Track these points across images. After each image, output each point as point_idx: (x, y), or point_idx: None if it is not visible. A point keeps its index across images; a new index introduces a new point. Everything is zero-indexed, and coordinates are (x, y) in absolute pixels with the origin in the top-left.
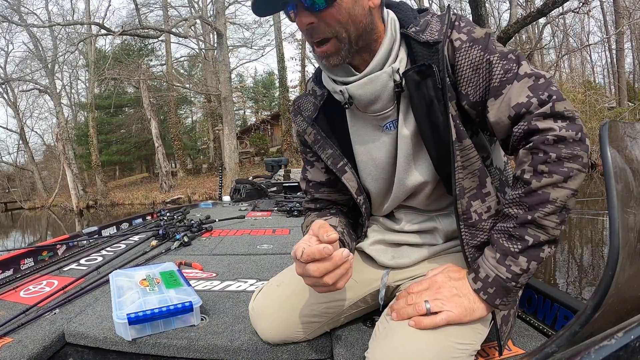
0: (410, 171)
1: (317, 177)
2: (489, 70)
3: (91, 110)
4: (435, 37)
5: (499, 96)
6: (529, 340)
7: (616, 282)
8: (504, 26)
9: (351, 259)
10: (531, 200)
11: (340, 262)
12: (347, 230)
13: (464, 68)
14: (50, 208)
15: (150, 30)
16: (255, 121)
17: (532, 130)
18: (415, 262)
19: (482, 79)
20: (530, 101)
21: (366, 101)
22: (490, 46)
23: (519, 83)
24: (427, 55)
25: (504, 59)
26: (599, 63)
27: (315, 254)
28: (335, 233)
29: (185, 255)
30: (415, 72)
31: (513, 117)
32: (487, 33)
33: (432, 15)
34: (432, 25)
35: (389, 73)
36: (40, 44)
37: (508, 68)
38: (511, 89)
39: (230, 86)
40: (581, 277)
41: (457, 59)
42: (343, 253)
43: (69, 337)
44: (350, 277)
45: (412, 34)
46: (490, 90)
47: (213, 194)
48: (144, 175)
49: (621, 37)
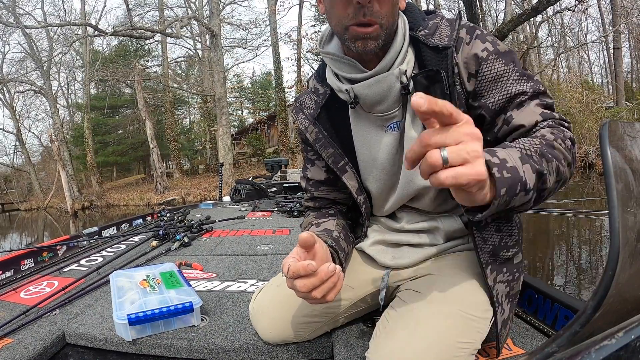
0: (416, 173)
1: (317, 176)
2: (516, 90)
3: (87, 111)
4: (445, 42)
5: (522, 107)
6: (529, 340)
7: (616, 282)
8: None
9: (339, 271)
10: (549, 151)
11: (326, 277)
12: (343, 234)
13: (488, 78)
14: (46, 209)
15: (143, 31)
16: (253, 122)
17: (557, 126)
18: (416, 262)
19: (508, 93)
20: (554, 114)
21: (372, 101)
22: (518, 65)
23: (539, 101)
24: (436, 60)
25: (531, 80)
26: (597, 63)
27: (299, 270)
28: (312, 263)
29: (185, 256)
30: (424, 77)
31: (540, 121)
32: (510, 49)
33: (441, 19)
34: (442, 29)
35: (396, 75)
36: (35, 45)
37: (536, 88)
38: (533, 104)
39: (224, 86)
40: (581, 277)
41: (481, 68)
42: (329, 268)
43: (69, 338)
44: (339, 289)
45: (422, 37)
46: (514, 103)
47: (208, 195)
48: (141, 177)
49: (619, 36)
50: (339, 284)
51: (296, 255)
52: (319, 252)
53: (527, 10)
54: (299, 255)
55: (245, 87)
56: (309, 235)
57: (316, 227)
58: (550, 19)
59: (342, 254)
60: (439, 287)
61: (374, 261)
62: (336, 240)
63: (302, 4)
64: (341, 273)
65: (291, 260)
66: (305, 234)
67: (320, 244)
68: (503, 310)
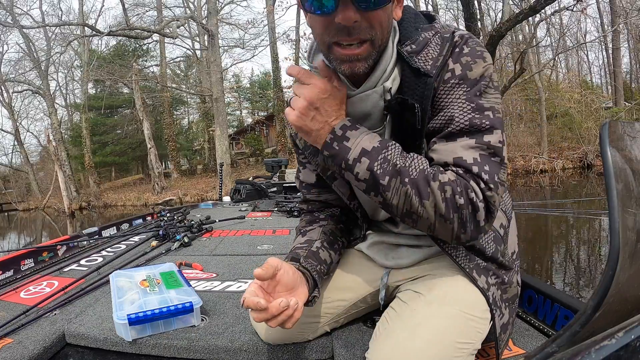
0: None
1: (308, 179)
2: (454, 115)
3: (84, 111)
4: (428, 66)
5: (450, 141)
6: (529, 340)
7: (616, 282)
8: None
9: (293, 304)
10: (419, 183)
11: (277, 312)
12: (327, 242)
13: (440, 102)
14: (44, 210)
15: (139, 31)
16: (252, 122)
17: (462, 178)
18: (415, 263)
19: (446, 117)
20: (473, 167)
21: (357, 118)
22: (476, 92)
23: (474, 144)
24: (414, 85)
25: (479, 112)
26: (596, 63)
27: (250, 306)
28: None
29: (185, 256)
30: (398, 103)
31: (449, 163)
32: (484, 76)
33: (434, 33)
34: (430, 48)
35: (380, 93)
36: (33, 45)
37: (477, 123)
38: (464, 142)
39: (222, 87)
40: (580, 277)
41: (439, 90)
42: (280, 304)
43: (69, 338)
44: (297, 319)
45: (405, 54)
46: (444, 132)
47: (205, 195)
48: (139, 177)
49: (617, 36)
50: (295, 315)
51: (254, 285)
52: (284, 279)
53: (525, 9)
54: (255, 286)
55: (244, 87)
56: (261, 271)
57: (302, 236)
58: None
59: (320, 266)
60: (438, 287)
61: (373, 262)
62: (314, 254)
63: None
64: (297, 305)
65: (250, 291)
66: (259, 269)
67: (285, 270)
68: (502, 314)
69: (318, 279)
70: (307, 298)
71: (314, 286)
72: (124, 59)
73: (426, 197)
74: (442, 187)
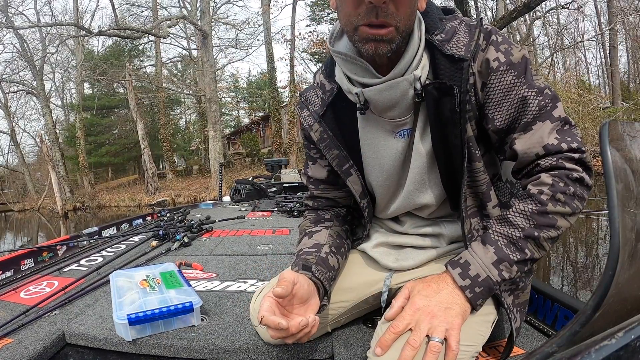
0: (421, 190)
1: (317, 174)
2: (523, 104)
3: (79, 112)
4: (461, 52)
5: (528, 131)
6: (529, 340)
7: (616, 282)
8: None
9: (311, 322)
10: (541, 220)
11: (296, 331)
12: (335, 247)
13: (496, 92)
14: (39, 210)
15: (130, 31)
16: (248, 122)
17: (560, 167)
18: (419, 265)
19: (514, 109)
20: (561, 145)
21: (383, 107)
22: (528, 77)
23: (551, 124)
24: (450, 71)
25: (540, 94)
26: (594, 63)
27: (270, 325)
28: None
29: (185, 256)
30: (435, 88)
31: (541, 155)
32: (525, 57)
33: (460, 22)
34: (459, 36)
35: (410, 81)
36: (27, 45)
37: (543, 105)
38: (543, 127)
39: (215, 87)
40: (580, 277)
41: (490, 79)
42: (300, 323)
43: (69, 338)
44: (314, 332)
45: (437, 43)
46: (520, 124)
47: (198, 196)
48: (135, 177)
49: (615, 35)
50: (312, 331)
51: (269, 300)
52: (299, 293)
53: (519, 6)
54: (271, 302)
55: (240, 87)
56: (281, 291)
57: (308, 237)
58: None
59: (329, 273)
60: None
61: (376, 263)
62: (324, 261)
63: (296, 3)
64: (315, 321)
65: (266, 308)
66: (279, 289)
67: (300, 284)
68: (516, 318)
69: (329, 287)
70: (318, 307)
71: (324, 294)
72: (120, 59)
73: (554, 221)
74: (554, 199)
